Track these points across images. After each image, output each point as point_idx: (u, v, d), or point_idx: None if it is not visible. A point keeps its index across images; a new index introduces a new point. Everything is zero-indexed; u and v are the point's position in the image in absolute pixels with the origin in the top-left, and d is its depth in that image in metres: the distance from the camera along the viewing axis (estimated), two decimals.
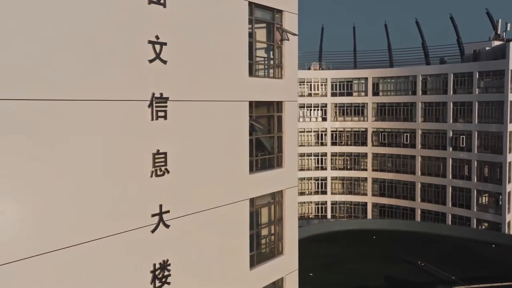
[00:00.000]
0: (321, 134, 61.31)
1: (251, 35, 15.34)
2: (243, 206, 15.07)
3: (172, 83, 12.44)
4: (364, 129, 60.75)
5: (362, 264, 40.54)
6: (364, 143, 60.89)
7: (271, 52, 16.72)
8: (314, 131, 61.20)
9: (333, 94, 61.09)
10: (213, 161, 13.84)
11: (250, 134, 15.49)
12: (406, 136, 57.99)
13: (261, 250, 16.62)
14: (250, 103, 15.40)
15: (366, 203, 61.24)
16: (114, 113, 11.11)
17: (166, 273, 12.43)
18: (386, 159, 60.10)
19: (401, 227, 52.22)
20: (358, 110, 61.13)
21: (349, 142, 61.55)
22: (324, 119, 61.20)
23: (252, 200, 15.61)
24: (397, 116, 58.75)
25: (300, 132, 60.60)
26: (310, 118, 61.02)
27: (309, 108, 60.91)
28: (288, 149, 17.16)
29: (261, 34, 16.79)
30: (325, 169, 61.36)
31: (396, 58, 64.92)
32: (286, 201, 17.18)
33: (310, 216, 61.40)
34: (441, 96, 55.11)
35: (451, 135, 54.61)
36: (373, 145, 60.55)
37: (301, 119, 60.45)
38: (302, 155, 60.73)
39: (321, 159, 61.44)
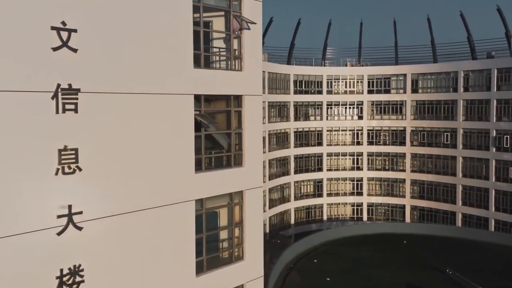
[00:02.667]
0: (357, 133, 58.96)
1: (199, 23, 14.16)
2: (186, 208, 13.91)
3: (86, 74, 11.47)
4: (402, 128, 57.86)
5: (386, 269, 38.38)
6: (402, 143, 57.96)
7: (229, 43, 15.42)
8: (349, 130, 58.95)
9: (370, 92, 58.58)
10: (143, 159, 12.76)
11: (199, 130, 14.33)
12: (447, 135, 54.63)
13: (215, 255, 15.37)
14: (198, 96, 14.23)
15: (404, 205, 58.30)
16: (5, 105, 10.25)
17: (78, 279, 11.47)
18: (425, 160, 56.92)
19: (436, 232, 49.29)
20: (396, 108, 58.30)
21: (386, 142, 58.79)
22: (360, 118, 58.82)
23: (200, 201, 14.41)
24: (437, 114, 55.49)
25: (335, 130, 58.58)
26: (346, 116, 58.79)
27: (344, 106, 58.71)
28: (250, 147, 15.83)
29: (220, 23, 15.58)
30: (361, 169, 58.96)
31: (440, 53, 61.32)
32: (247, 203, 15.85)
33: (345, 218, 59.13)
34: (484, 93, 51.44)
35: (494, 134, 50.85)
36: (411, 145, 57.54)
37: (335, 117, 58.37)
38: (337, 154, 58.69)
39: (357, 159, 59.09)
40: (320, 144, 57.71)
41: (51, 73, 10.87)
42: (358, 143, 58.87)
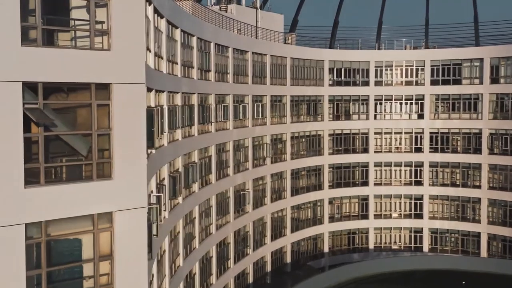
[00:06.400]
0: (416, 137, 56.05)
1: None
2: (10, 234, 12.91)
3: None
4: (477, 131, 54.39)
5: None
6: (478, 150, 54.47)
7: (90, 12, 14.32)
8: (406, 133, 56.15)
9: (434, 82, 55.49)
10: None
11: (35, 130, 13.35)
12: None
13: None
14: (33, 85, 13.23)
15: (479, 233, 54.69)
16: None
17: None
18: (508, 173, 53.22)
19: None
20: (469, 104, 54.85)
21: (456, 149, 55.58)
22: (420, 116, 55.87)
23: (38, 226, 13.40)
24: None
25: (386, 133, 56.07)
26: (401, 114, 56.04)
27: (399, 101, 55.99)
28: (125, 153, 14.66)
29: None
30: (421, 184, 55.92)
31: None
32: (120, 229, 14.67)
33: (400, 248, 56.39)
34: None
35: None
36: (490, 153, 53.95)
37: (387, 116, 55.84)
38: (388, 164, 56.11)
39: (416, 170, 56.12)
40: (365, 150, 55.36)
41: None
42: (418, 150, 55.97)
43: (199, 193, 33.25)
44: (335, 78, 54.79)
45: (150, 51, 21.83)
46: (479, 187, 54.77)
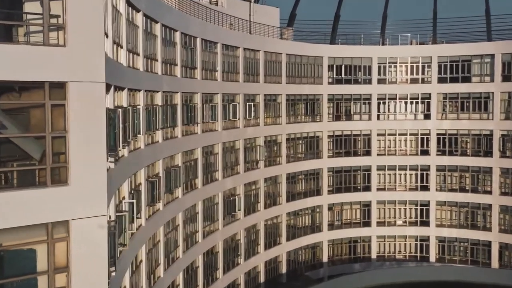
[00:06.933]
0: (422, 139, 55.93)
1: None
2: None
3: None
4: (488, 132, 54.29)
5: None
6: (488, 153, 54.34)
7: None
8: (411, 134, 56.04)
9: (441, 80, 55.33)
10: None
11: None
12: None
13: None
14: None
15: (490, 242, 54.57)
16: None
17: None
18: None
19: None
20: (479, 104, 54.72)
21: (465, 151, 55.49)
22: (426, 117, 55.76)
23: None
24: None
25: (389, 135, 56.01)
26: (406, 115, 55.93)
27: (403, 101, 55.90)
28: (82, 157, 14.59)
29: None
30: (428, 189, 55.81)
31: None
32: (77, 239, 14.59)
33: (404, 257, 56.32)
34: None
35: None
36: (502, 156, 53.80)
37: (391, 117, 55.76)
38: (392, 168, 56.03)
39: (422, 174, 55.98)
40: (368, 153, 55.28)
41: None
42: (424, 153, 55.87)
43: (183, 199, 33.17)
44: (334, 76, 54.76)
45: (121, 47, 21.79)
46: (490, 192, 54.71)
